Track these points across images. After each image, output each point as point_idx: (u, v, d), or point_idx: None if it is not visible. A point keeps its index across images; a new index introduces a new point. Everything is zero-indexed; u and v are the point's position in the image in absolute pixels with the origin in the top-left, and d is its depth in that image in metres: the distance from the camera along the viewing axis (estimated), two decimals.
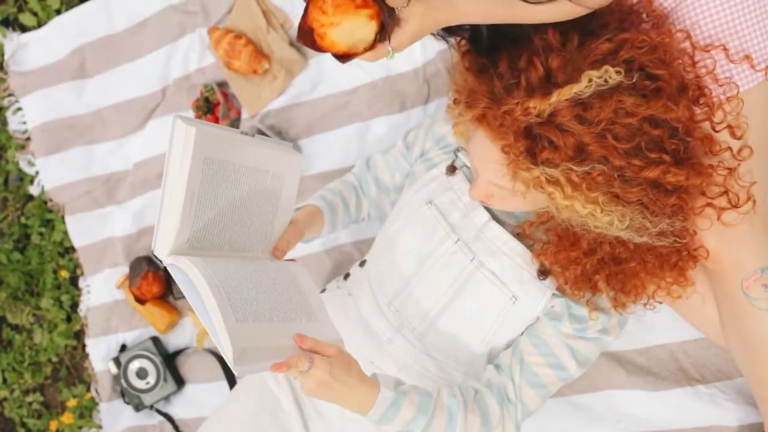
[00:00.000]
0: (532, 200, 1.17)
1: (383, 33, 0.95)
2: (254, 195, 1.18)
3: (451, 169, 1.35)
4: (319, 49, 0.95)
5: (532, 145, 1.06)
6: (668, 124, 1.08)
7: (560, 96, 1.03)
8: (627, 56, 1.07)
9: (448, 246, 1.32)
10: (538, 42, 1.10)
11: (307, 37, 0.93)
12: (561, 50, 1.08)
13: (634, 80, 1.05)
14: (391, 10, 0.96)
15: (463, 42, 1.22)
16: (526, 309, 1.30)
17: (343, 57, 0.96)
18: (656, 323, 1.53)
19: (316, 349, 1.09)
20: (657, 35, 1.11)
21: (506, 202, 1.21)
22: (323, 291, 1.55)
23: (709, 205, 1.19)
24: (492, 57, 1.15)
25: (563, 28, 1.09)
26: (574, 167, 1.05)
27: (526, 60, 1.10)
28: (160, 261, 1.09)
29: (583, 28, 1.11)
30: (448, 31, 1.14)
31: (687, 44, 1.19)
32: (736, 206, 1.19)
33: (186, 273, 1.05)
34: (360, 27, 0.93)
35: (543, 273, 1.27)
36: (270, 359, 1.04)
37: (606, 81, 1.04)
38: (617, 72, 1.04)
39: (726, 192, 1.18)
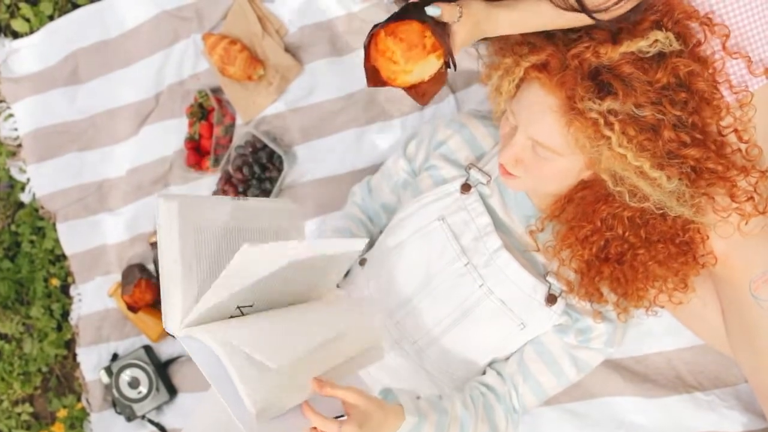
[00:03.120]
0: (565, 167, 1.18)
1: (448, 63, 1.00)
2: None
3: (466, 188, 1.34)
4: (388, 85, 1.00)
5: (597, 87, 1.10)
6: (714, 112, 1.14)
7: (629, 46, 1.09)
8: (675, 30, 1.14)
9: (457, 268, 1.31)
10: None
11: (377, 80, 0.98)
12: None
13: (689, 48, 1.13)
14: (443, 26, 1.02)
15: None
16: (533, 332, 1.31)
17: (411, 89, 1.00)
18: (653, 331, 1.52)
19: (335, 395, 1.07)
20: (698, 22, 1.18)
21: (534, 169, 1.20)
22: None
23: (737, 210, 1.19)
24: None
25: None
26: (633, 119, 1.09)
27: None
28: (174, 337, 1.08)
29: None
30: None
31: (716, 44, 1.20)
32: (763, 212, 1.20)
33: (201, 341, 1.02)
34: (430, 66, 0.98)
35: (550, 300, 1.27)
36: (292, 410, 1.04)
37: (670, 44, 1.11)
38: (677, 39, 1.11)
39: (752, 197, 1.19)
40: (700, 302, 1.35)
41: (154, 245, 1.93)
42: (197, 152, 1.91)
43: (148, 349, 1.93)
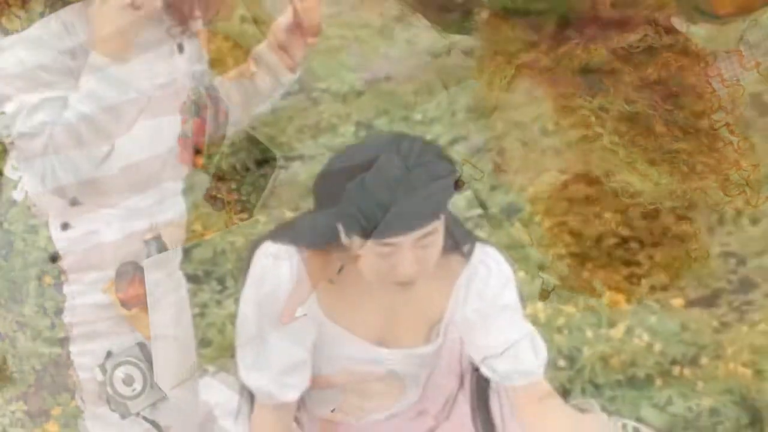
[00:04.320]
0: (558, 162, 1.18)
1: None
2: None
3: (459, 183, 1.35)
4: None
5: (588, 84, 1.10)
6: (705, 106, 1.14)
7: (619, 42, 1.09)
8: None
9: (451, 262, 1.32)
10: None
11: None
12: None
13: (680, 43, 1.12)
14: None
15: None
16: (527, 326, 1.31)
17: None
18: (645, 326, 1.54)
19: None
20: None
21: (527, 165, 1.21)
22: None
23: (729, 204, 1.20)
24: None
25: None
26: (624, 115, 1.09)
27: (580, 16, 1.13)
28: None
29: None
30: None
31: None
32: (755, 206, 1.21)
33: None
34: None
35: (543, 294, 1.29)
36: None
37: (660, 38, 1.10)
38: (667, 33, 1.11)
39: (743, 191, 1.20)
40: None
41: (148, 242, 1.93)
42: (190, 149, 1.91)
43: (142, 346, 1.93)
